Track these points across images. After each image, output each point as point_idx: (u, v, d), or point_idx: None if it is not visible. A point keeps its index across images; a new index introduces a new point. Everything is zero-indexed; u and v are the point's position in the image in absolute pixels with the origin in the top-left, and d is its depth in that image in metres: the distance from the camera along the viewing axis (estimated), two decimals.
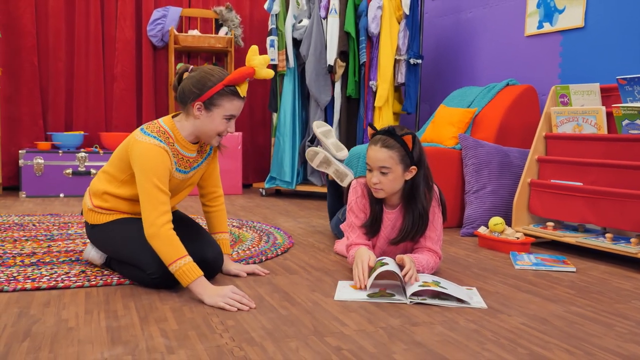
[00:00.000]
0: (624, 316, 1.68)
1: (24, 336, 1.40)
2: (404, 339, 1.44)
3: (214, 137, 1.87)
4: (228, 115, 1.83)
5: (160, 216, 1.73)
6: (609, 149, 2.56)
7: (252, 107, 5.22)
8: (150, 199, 1.74)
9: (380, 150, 1.95)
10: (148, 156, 1.77)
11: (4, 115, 4.35)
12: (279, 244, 2.57)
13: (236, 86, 1.81)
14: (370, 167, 1.99)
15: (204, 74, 1.81)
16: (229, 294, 1.67)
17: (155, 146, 1.79)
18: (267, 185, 4.46)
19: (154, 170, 1.76)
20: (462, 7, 4.27)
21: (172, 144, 1.85)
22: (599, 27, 3.19)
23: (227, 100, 1.81)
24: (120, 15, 4.66)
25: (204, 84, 1.80)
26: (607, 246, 2.42)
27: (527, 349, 1.39)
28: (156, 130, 1.83)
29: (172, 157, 1.84)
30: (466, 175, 3.10)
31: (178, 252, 1.72)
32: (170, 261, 1.71)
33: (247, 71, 1.81)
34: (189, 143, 1.90)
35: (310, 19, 4.25)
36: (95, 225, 1.97)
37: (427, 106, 4.58)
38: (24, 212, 3.37)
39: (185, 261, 1.71)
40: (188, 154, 1.92)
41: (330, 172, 2.68)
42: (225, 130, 1.86)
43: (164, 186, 1.77)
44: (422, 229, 2.05)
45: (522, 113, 3.42)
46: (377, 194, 2.02)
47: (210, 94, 1.79)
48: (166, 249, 1.72)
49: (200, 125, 1.85)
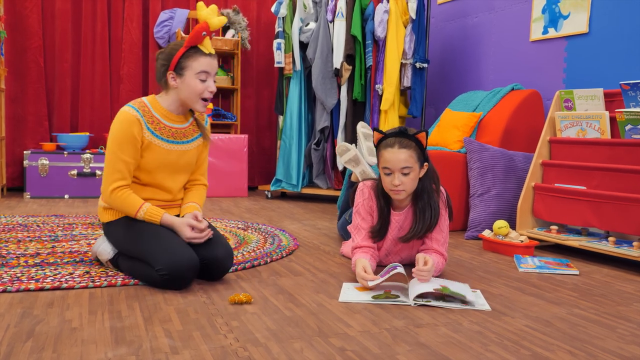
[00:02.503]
0: (626, 318, 1.69)
1: (27, 336, 1.40)
2: (408, 340, 1.44)
3: (198, 100, 1.96)
4: (199, 73, 1.92)
5: (111, 183, 1.89)
6: (612, 153, 2.56)
7: (258, 109, 5.24)
8: (107, 167, 1.91)
9: (400, 152, 1.96)
10: (117, 123, 1.91)
11: (9, 115, 4.37)
12: (284, 246, 2.58)
13: (198, 45, 1.92)
14: (391, 170, 1.98)
15: (169, 49, 1.95)
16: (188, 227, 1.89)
17: (126, 112, 1.91)
18: (272, 187, 4.47)
19: (117, 136, 1.89)
20: (468, 12, 4.27)
21: (147, 112, 1.95)
22: (603, 33, 3.20)
23: (192, 59, 1.91)
24: (127, 16, 4.69)
25: (170, 54, 1.93)
26: (610, 250, 2.42)
27: (530, 351, 1.39)
28: (136, 103, 1.97)
29: (144, 125, 1.92)
30: (471, 179, 3.10)
31: (136, 204, 1.90)
32: (132, 213, 1.90)
33: (199, 26, 1.91)
34: (171, 113, 1.99)
35: (317, 22, 4.27)
36: (109, 222, 2.01)
37: (433, 110, 4.59)
38: (28, 213, 3.39)
39: (147, 206, 1.91)
40: (174, 125, 2.00)
41: (357, 171, 2.63)
42: (205, 89, 1.94)
43: (124, 154, 1.89)
44: (434, 223, 2.05)
45: (527, 117, 3.42)
46: (398, 196, 2.02)
47: (176, 60, 1.91)
48: (124, 206, 1.91)
49: (180, 93, 1.96)
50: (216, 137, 4.48)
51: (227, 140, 4.50)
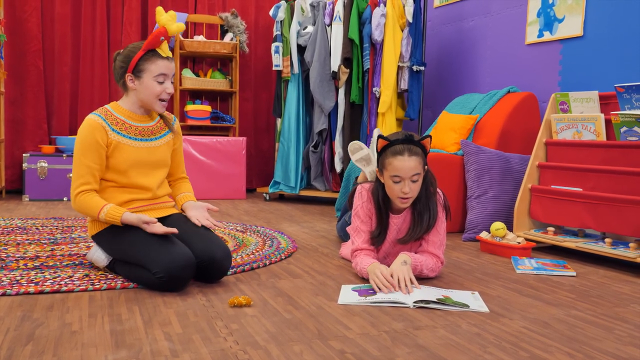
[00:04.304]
0: (623, 319, 1.70)
1: (27, 339, 1.40)
2: (407, 342, 1.45)
3: (155, 101, 2.00)
4: (157, 76, 1.96)
5: (77, 187, 1.93)
6: (607, 155, 2.58)
7: (257, 112, 5.25)
8: (73, 174, 1.95)
9: (410, 159, 1.95)
10: (81, 130, 1.96)
11: (8, 118, 4.38)
12: (283, 248, 2.59)
13: (156, 49, 1.96)
14: (401, 178, 1.96)
15: (127, 51, 1.98)
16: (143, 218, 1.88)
17: (89, 119, 1.96)
18: (271, 190, 4.48)
19: (80, 142, 1.94)
20: (464, 15, 4.30)
21: (110, 115, 2.00)
22: (597, 37, 3.22)
23: (150, 62, 1.95)
24: (126, 20, 4.69)
25: (128, 57, 1.97)
26: (607, 251, 2.43)
27: (528, 352, 1.40)
28: (99, 110, 2.01)
29: (107, 127, 1.96)
30: (468, 181, 3.12)
31: (98, 205, 1.92)
32: (95, 215, 1.91)
33: (158, 31, 1.94)
34: (134, 113, 2.04)
35: (315, 26, 4.28)
36: (98, 232, 2.02)
37: (430, 112, 4.61)
38: (27, 216, 3.39)
39: (108, 207, 1.91)
40: (140, 124, 2.04)
41: (367, 170, 2.59)
42: (163, 91, 1.98)
43: (87, 159, 1.93)
44: (432, 224, 2.06)
45: (523, 120, 3.44)
46: (406, 204, 2.03)
47: (134, 63, 1.95)
48: (87, 209, 1.93)
49: (138, 94, 2.00)
50: (214, 139, 4.50)
51: (225, 143, 4.51)
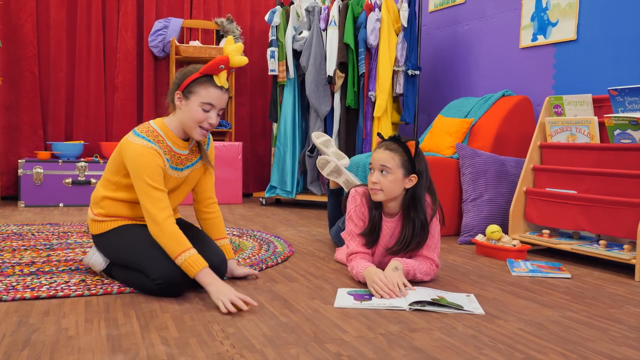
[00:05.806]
0: (617, 321, 1.71)
1: (24, 345, 1.40)
2: (403, 344, 1.46)
3: (195, 128, 1.91)
4: (205, 103, 1.87)
5: (160, 212, 1.81)
6: (601, 157, 2.60)
7: (252, 117, 5.26)
8: (148, 197, 1.82)
9: (383, 152, 2.03)
10: (139, 157, 1.84)
11: (3, 124, 4.37)
12: (279, 252, 2.59)
13: (213, 75, 1.88)
14: (372, 167, 2.05)
15: (187, 69, 1.92)
16: (231, 295, 1.70)
17: (145, 147, 1.86)
18: (267, 194, 4.48)
19: (145, 169, 1.83)
20: (459, 20, 4.32)
21: (162, 141, 1.91)
22: (591, 40, 3.25)
23: (202, 87, 1.87)
24: (121, 26, 4.70)
25: (184, 75, 1.91)
26: (601, 253, 2.45)
27: (523, 354, 1.41)
28: (146, 131, 1.90)
29: (163, 156, 1.89)
30: (463, 184, 3.13)
31: (182, 245, 1.79)
32: (175, 254, 1.78)
33: (220, 58, 1.88)
34: (179, 139, 1.96)
35: (310, 30, 4.30)
36: (99, 234, 2.00)
37: (425, 116, 4.62)
38: (23, 222, 3.38)
39: (190, 253, 1.78)
40: (180, 151, 1.97)
41: (340, 181, 2.67)
42: (205, 120, 1.89)
43: (158, 184, 1.84)
44: (422, 242, 2.07)
45: (518, 123, 3.46)
46: (375, 196, 2.05)
47: (187, 83, 1.88)
48: (171, 243, 1.79)
49: (182, 116, 1.91)
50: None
51: (221, 148, 4.51)
